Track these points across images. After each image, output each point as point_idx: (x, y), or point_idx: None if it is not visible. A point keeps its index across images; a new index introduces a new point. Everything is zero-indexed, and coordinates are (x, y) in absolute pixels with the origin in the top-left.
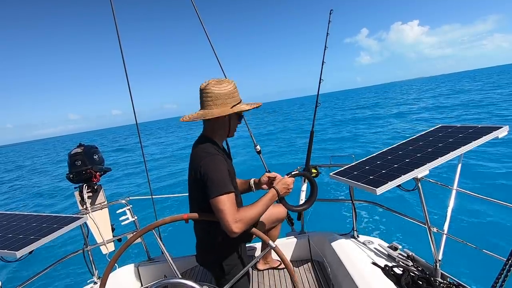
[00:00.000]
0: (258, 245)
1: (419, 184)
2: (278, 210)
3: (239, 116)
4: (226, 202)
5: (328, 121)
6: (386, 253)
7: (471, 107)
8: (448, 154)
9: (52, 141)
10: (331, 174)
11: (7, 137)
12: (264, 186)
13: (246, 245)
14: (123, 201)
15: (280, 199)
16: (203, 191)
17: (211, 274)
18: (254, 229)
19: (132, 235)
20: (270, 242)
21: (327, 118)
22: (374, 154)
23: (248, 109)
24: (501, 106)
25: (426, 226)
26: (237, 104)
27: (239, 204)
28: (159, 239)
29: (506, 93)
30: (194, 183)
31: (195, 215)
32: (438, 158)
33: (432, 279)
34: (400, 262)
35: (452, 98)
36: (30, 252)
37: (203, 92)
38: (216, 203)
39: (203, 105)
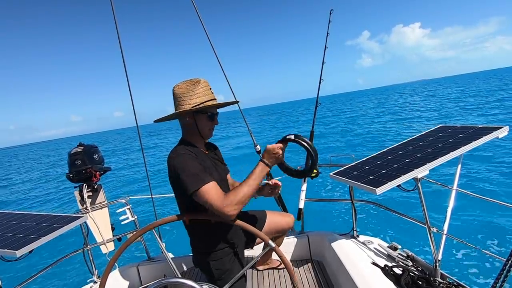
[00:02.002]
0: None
1: (419, 184)
2: (286, 221)
3: (208, 115)
4: (208, 192)
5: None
6: (386, 253)
7: (471, 107)
8: (448, 154)
9: (58, 142)
10: (331, 174)
11: (9, 139)
12: (265, 193)
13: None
14: (123, 201)
15: (280, 165)
16: (184, 193)
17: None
18: (253, 229)
19: (132, 234)
20: (270, 242)
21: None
22: (374, 154)
23: (204, 106)
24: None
25: (425, 226)
26: (204, 103)
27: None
28: (159, 239)
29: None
30: (173, 186)
31: (196, 214)
32: (438, 158)
33: (431, 279)
34: (400, 262)
35: (453, 98)
36: (30, 252)
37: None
38: (200, 197)
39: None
